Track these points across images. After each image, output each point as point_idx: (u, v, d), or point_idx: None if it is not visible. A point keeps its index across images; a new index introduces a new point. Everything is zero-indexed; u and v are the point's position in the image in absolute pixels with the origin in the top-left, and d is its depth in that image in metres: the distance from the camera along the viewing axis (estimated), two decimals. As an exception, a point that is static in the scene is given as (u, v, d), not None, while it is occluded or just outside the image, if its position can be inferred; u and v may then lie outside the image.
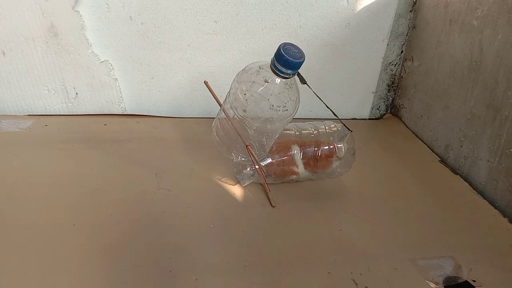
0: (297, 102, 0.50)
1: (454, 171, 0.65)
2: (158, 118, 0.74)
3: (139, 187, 0.54)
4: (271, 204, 0.53)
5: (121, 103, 0.74)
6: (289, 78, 0.48)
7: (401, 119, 0.82)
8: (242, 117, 0.51)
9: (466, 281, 0.43)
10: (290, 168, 0.55)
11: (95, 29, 0.66)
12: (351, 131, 0.56)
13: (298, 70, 0.48)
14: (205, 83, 0.60)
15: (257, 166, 0.53)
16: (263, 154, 0.55)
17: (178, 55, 0.71)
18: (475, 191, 0.60)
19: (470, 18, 0.62)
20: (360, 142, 0.58)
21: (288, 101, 0.49)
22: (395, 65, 0.80)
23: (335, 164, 0.56)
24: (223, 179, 0.57)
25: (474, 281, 0.43)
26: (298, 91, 0.50)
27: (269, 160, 0.55)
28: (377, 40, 0.76)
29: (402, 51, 0.79)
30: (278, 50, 0.46)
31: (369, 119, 0.85)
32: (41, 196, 0.50)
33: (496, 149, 0.58)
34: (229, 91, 0.52)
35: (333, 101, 0.55)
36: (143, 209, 0.50)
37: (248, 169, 0.57)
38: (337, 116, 0.54)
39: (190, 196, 0.53)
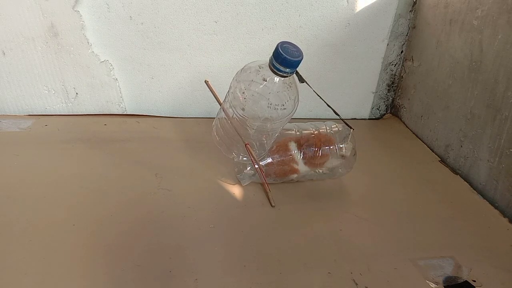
0: (296, 101, 0.50)
1: (454, 171, 0.65)
2: (158, 118, 0.74)
3: (139, 187, 0.54)
4: (271, 204, 0.53)
5: (121, 103, 0.74)
6: (288, 76, 0.48)
7: (401, 119, 0.82)
8: (241, 116, 0.51)
9: (466, 281, 0.43)
10: (291, 166, 0.55)
11: (95, 29, 0.66)
12: (353, 129, 0.56)
13: (297, 69, 0.48)
14: (206, 82, 0.60)
15: (256, 166, 0.53)
16: (263, 154, 0.55)
17: (178, 55, 0.71)
18: (475, 191, 0.60)
19: (470, 18, 0.62)
20: (360, 142, 0.58)
21: (287, 100, 0.49)
22: (395, 65, 0.80)
23: (336, 162, 0.56)
24: (223, 179, 0.57)
25: (474, 281, 0.43)
26: (297, 90, 0.50)
27: (269, 160, 0.55)
28: (377, 40, 0.76)
29: (402, 51, 0.79)
30: (276, 49, 0.46)
31: (369, 119, 0.85)
32: (41, 196, 0.50)
33: (496, 149, 0.58)
34: (229, 90, 0.52)
35: (333, 101, 0.55)
36: (143, 209, 0.50)
37: (248, 169, 0.57)
38: (337, 114, 0.54)
39: (190, 196, 0.53)
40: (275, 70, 0.47)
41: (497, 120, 0.57)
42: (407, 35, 0.77)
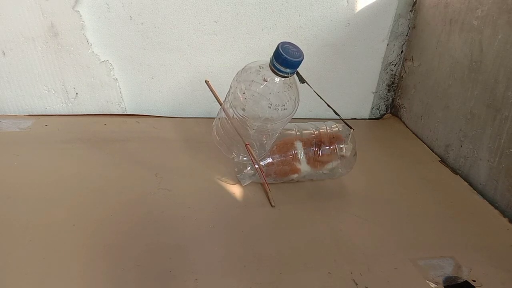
0: (296, 101, 0.50)
1: (454, 171, 0.65)
2: (158, 118, 0.74)
3: (139, 187, 0.54)
4: (271, 204, 0.53)
5: (121, 103, 0.74)
6: (288, 77, 0.48)
7: (401, 119, 0.82)
8: (242, 116, 0.51)
9: (466, 281, 0.43)
10: (292, 166, 0.55)
11: (95, 29, 0.66)
12: (353, 129, 0.56)
13: (297, 69, 0.48)
14: (206, 82, 0.60)
15: (256, 166, 0.53)
16: (264, 154, 0.55)
17: (178, 55, 0.71)
18: (475, 191, 0.60)
19: (470, 18, 0.62)
20: (360, 142, 0.58)
21: (287, 100, 0.49)
22: (395, 65, 0.80)
23: (336, 162, 0.56)
24: (223, 179, 0.57)
25: (474, 281, 0.43)
26: (297, 90, 0.50)
27: (270, 160, 0.55)
28: (377, 40, 0.76)
29: (402, 51, 0.79)
30: (277, 49, 0.46)
31: (369, 119, 0.85)
32: (41, 196, 0.50)
33: (496, 149, 0.58)
34: (229, 90, 0.52)
35: (333, 101, 0.55)
36: (143, 209, 0.50)
37: (248, 169, 0.57)
38: (337, 114, 0.54)
39: (190, 196, 0.53)
40: (275, 71, 0.47)
41: (497, 120, 0.57)
42: (407, 35, 0.77)
